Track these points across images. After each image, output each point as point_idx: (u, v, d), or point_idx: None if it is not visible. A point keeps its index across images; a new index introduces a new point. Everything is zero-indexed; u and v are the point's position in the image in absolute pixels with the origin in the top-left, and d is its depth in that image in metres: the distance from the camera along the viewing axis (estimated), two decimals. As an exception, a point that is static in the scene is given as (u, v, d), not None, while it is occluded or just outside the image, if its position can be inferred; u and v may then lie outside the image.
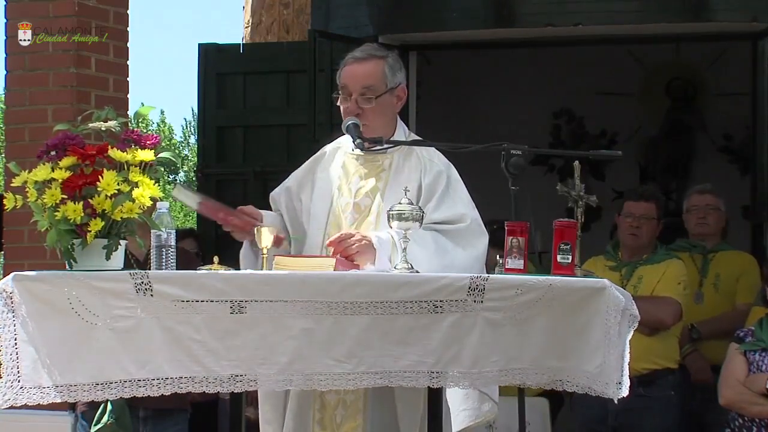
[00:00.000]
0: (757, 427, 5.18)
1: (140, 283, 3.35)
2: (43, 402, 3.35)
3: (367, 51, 4.12)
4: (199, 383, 3.38)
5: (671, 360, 5.74)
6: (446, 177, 4.06)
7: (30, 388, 3.32)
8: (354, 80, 4.04)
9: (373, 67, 4.06)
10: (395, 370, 3.38)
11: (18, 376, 3.31)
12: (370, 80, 4.03)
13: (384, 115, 4.08)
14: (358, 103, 4.02)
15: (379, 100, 4.03)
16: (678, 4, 7.59)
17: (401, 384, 3.40)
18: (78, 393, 3.37)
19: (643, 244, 5.86)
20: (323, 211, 4.08)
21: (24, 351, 3.31)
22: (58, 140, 3.49)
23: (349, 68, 4.07)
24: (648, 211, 5.85)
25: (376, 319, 3.36)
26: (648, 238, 5.86)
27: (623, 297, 3.38)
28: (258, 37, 8.66)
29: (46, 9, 6.60)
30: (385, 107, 4.07)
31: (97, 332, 3.35)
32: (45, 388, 3.34)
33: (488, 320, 3.38)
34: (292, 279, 3.41)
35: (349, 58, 4.10)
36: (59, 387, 3.34)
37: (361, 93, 4.02)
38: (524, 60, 10.33)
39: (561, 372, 3.42)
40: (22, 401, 3.32)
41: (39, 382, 3.33)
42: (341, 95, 4.07)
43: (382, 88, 4.04)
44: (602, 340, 3.34)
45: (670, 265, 5.80)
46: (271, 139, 7.99)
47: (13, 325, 3.31)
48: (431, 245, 3.83)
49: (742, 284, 6.15)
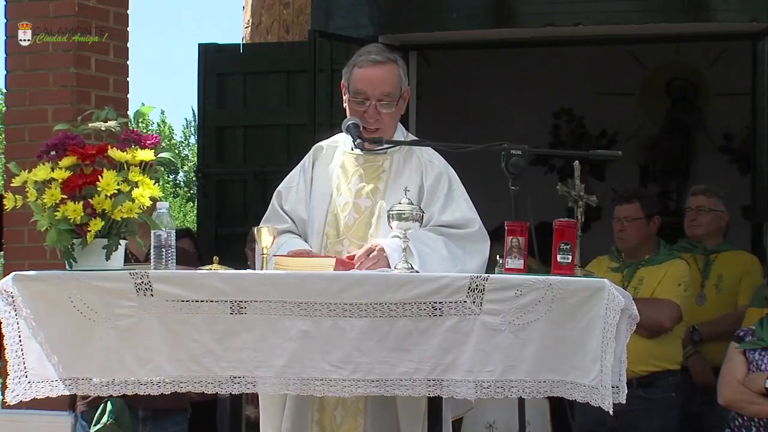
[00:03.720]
0: (756, 426, 5.17)
1: (140, 282, 3.36)
2: (52, 395, 3.37)
3: (383, 54, 4.07)
4: (199, 383, 3.38)
5: (672, 362, 5.71)
6: (447, 178, 4.06)
7: (38, 383, 3.35)
8: (372, 87, 3.99)
9: (389, 73, 4.02)
10: (392, 378, 3.37)
11: (25, 372, 3.33)
12: (389, 87, 4.00)
13: (396, 120, 4.09)
14: (378, 109, 4.00)
15: (397, 105, 4.04)
16: (678, 4, 7.59)
17: (397, 393, 3.39)
18: (85, 386, 3.39)
19: (632, 245, 5.84)
20: (321, 211, 4.07)
21: (29, 347, 3.34)
22: (58, 140, 3.50)
23: (366, 72, 4.01)
24: (631, 212, 5.82)
25: (374, 322, 3.36)
26: (636, 238, 5.82)
27: (623, 297, 3.38)
28: (258, 37, 8.66)
29: (46, 9, 6.60)
30: (399, 112, 4.09)
31: (99, 329, 3.37)
32: (53, 381, 3.36)
33: (486, 325, 3.36)
34: (291, 279, 3.41)
35: (362, 60, 4.04)
36: (66, 380, 3.37)
37: (379, 99, 4.00)
38: (524, 60, 10.33)
39: (558, 385, 3.39)
40: (30, 395, 3.34)
41: (46, 375, 3.36)
42: (355, 99, 4.03)
43: (398, 94, 4.04)
44: (600, 346, 3.32)
45: (671, 266, 5.77)
46: (271, 139, 7.99)
47: (16, 322, 3.34)
48: (444, 251, 3.84)
49: (744, 285, 6.12)
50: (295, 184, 4.16)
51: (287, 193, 4.15)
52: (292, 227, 4.10)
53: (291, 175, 4.21)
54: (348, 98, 4.07)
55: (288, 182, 4.19)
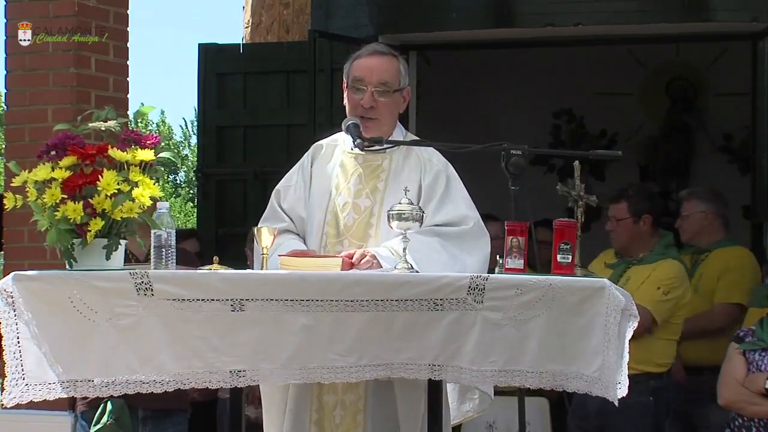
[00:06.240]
0: (756, 426, 5.17)
1: (140, 282, 3.35)
2: (50, 398, 3.35)
3: (385, 47, 4.17)
4: (201, 378, 3.37)
5: (651, 364, 5.62)
6: (445, 177, 4.06)
7: (35, 385, 3.32)
8: (371, 73, 4.03)
9: (389, 63, 4.08)
10: (396, 362, 3.39)
11: (23, 374, 3.31)
12: (387, 75, 4.04)
13: (393, 114, 4.10)
14: (374, 96, 4.02)
15: (393, 96, 4.05)
16: (678, 4, 7.60)
17: (402, 375, 3.41)
18: (84, 389, 3.37)
19: (623, 245, 5.86)
20: (321, 210, 4.07)
21: (27, 348, 3.32)
22: (58, 140, 3.49)
23: (366, 60, 4.07)
24: (617, 212, 5.83)
25: (376, 316, 3.37)
26: (625, 238, 5.83)
27: (623, 297, 3.39)
28: (258, 37, 8.66)
29: (46, 9, 6.60)
30: (395, 105, 4.10)
31: (99, 329, 3.36)
32: (50, 384, 3.34)
33: (488, 320, 3.38)
34: (291, 279, 3.41)
35: (364, 52, 4.11)
36: (65, 383, 3.35)
37: (377, 86, 4.02)
38: (524, 60, 10.33)
39: (560, 375, 3.41)
40: (27, 398, 3.32)
41: (44, 378, 3.33)
42: (354, 87, 4.05)
43: (396, 85, 4.06)
44: (602, 341, 3.34)
45: (658, 266, 5.75)
46: (271, 139, 7.99)
47: (15, 323, 3.32)
48: (442, 252, 3.84)
49: (722, 283, 6.14)
50: (293, 183, 4.16)
51: (286, 192, 4.15)
52: (291, 226, 4.10)
53: (290, 173, 4.20)
54: (347, 91, 4.08)
55: (287, 181, 4.19)
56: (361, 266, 3.77)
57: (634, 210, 5.82)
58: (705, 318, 6.09)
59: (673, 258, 5.84)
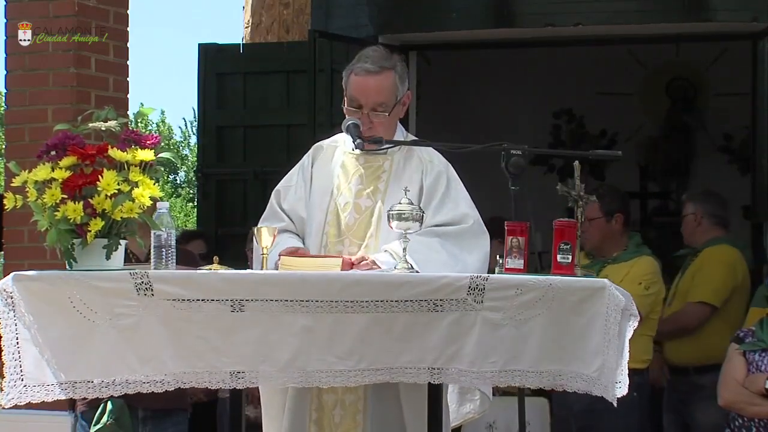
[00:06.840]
0: (756, 427, 5.17)
1: (140, 282, 3.35)
2: (48, 399, 3.35)
3: (378, 62, 4.03)
4: (201, 378, 3.37)
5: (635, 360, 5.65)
6: (446, 177, 4.05)
7: (34, 386, 3.32)
8: (366, 96, 3.99)
9: (384, 81, 4.01)
10: (396, 366, 3.39)
11: (21, 375, 3.31)
12: (382, 97, 4.00)
13: (392, 125, 4.10)
14: (370, 118, 4.00)
15: (391, 112, 4.04)
16: (678, 4, 7.60)
17: (402, 379, 3.41)
18: (82, 390, 3.37)
19: (595, 244, 5.87)
20: (321, 210, 4.07)
21: (26, 349, 3.32)
22: (58, 140, 3.49)
23: (361, 80, 4.01)
24: (589, 212, 5.81)
25: (376, 317, 3.37)
26: (597, 238, 5.84)
27: (623, 297, 3.39)
28: (258, 37, 8.66)
29: (46, 9, 6.60)
30: (394, 117, 4.08)
31: (99, 330, 3.36)
32: (49, 385, 3.34)
33: (488, 320, 3.38)
34: (291, 279, 3.42)
35: (358, 68, 4.03)
36: (63, 384, 3.34)
37: (372, 108, 4.00)
38: (524, 60, 10.34)
39: (560, 375, 3.42)
40: (26, 399, 3.32)
41: (43, 379, 3.33)
42: (350, 106, 4.03)
43: (392, 103, 4.03)
44: (602, 341, 3.35)
45: (635, 264, 5.78)
46: (271, 139, 7.99)
47: (15, 324, 3.32)
48: (442, 252, 3.84)
49: (695, 282, 6.16)
50: (294, 183, 4.16)
51: (286, 192, 4.15)
52: (290, 226, 4.09)
53: (290, 174, 4.20)
54: (346, 105, 4.07)
55: (287, 181, 4.18)
56: (360, 268, 3.77)
57: (607, 210, 5.83)
58: (676, 318, 6.13)
59: (648, 255, 5.88)
